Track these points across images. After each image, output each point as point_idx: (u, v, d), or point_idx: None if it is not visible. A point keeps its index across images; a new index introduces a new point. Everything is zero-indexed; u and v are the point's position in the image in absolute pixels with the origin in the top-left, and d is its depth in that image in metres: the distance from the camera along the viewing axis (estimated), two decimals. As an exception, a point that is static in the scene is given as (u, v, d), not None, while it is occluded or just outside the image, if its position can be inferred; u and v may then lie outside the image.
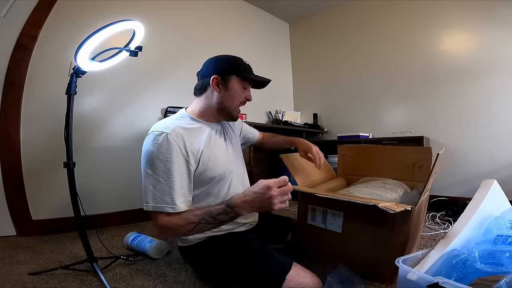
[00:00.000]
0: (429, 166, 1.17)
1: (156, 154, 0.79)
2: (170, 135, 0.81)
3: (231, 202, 0.76)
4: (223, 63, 0.94)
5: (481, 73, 2.13)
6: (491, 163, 2.07)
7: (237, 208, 0.75)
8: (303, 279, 0.80)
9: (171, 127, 0.83)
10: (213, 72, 0.92)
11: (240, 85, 0.94)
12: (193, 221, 0.77)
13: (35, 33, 1.55)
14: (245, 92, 0.96)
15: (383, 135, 2.58)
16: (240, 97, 0.95)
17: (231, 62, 0.94)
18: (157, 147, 0.80)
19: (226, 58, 0.95)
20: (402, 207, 0.77)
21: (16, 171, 1.49)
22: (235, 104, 0.95)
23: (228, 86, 0.93)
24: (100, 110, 1.79)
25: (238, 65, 0.94)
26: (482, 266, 0.65)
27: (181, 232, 0.81)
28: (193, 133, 0.89)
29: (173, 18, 2.23)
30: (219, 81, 0.91)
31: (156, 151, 0.79)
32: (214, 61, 0.95)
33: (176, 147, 0.80)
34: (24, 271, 1.05)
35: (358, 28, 2.83)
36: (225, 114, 0.96)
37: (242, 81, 0.95)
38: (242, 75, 0.94)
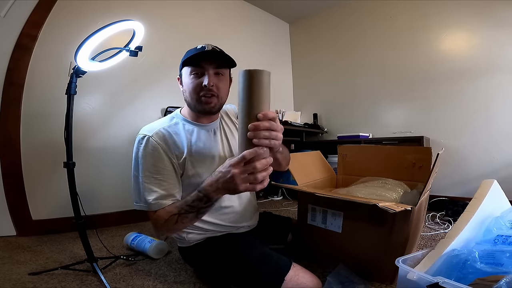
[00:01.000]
0: (429, 166, 1.17)
1: (140, 156, 0.82)
2: (152, 137, 0.82)
3: (201, 187, 0.71)
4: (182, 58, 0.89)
5: (480, 72, 2.12)
6: (491, 163, 2.07)
7: (205, 191, 0.69)
8: (302, 279, 0.80)
9: (155, 130, 0.84)
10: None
11: (186, 73, 0.86)
12: (174, 213, 0.76)
13: (35, 33, 1.55)
14: (194, 80, 0.84)
15: (383, 135, 2.58)
16: (191, 85, 0.85)
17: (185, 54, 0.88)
18: (141, 149, 0.82)
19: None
20: (402, 207, 0.77)
21: (16, 171, 1.49)
22: (192, 96, 0.86)
23: (182, 81, 0.90)
24: (100, 110, 1.79)
25: (186, 53, 0.88)
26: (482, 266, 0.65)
27: (169, 227, 0.78)
28: (180, 136, 0.87)
29: (173, 18, 2.23)
30: (179, 78, 0.91)
31: (140, 153, 0.82)
32: None
33: (159, 148, 0.82)
34: (24, 271, 1.05)
35: (358, 28, 2.83)
36: (195, 110, 0.89)
37: (188, 67, 0.86)
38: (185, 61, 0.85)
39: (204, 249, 0.92)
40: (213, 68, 0.84)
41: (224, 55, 0.85)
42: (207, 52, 0.82)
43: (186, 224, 0.78)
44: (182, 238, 0.93)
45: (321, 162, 1.45)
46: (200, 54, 0.82)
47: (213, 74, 0.85)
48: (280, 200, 2.55)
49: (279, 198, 2.62)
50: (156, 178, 0.81)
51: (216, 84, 0.85)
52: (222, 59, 0.86)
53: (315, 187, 1.28)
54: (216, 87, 0.85)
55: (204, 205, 0.72)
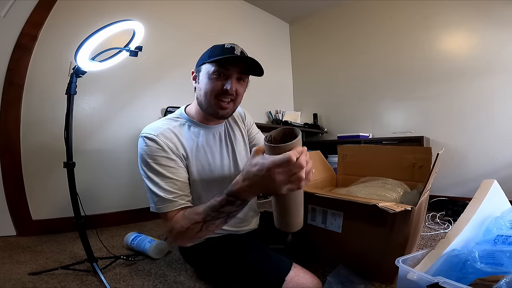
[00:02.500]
0: (429, 166, 1.17)
1: (148, 155, 0.78)
2: (158, 137, 0.79)
3: (232, 190, 0.63)
4: (203, 54, 0.84)
5: (481, 72, 2.12)
6: (491, 163, 2.07)
7: (240, 195, 0.63)
8: (302, 280, 0.80)
9: (160, 130, 0.81)
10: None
11: (208, 70, 0.80)
12: (197, 221, 0.69)
13: (35, 33, 1.55)
14: (215, 81, 0.79)
15: (383, 135, 2.58)
16: (211, 87, 0.80)
17: (206, 52, 0.82)
18: (148, 149, 0.78)
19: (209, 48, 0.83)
20: (402, 207, 0.77)
21: (16, 171, 1.49)
22: (208, 98, 0.81)
23: (198, 77, 0.83)
24: (100, 110, 1.79)
25: (213, 50, 0.80)
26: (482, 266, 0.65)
27: (191, 235, 0.70)
28: (186, 139, 0.85)
29: (173, 18, 2.23)
30: (195, 74, 0.85)
31: (148, 153, 0.78)
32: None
33: (166, 148, 0.79)
34: (24, 271, 1.05)
35: (358, 27, 2.83)
36: (206, 111, 0.85)
37: (211, 66, 0.79)
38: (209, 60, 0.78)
39: (204, 249, 0.91)
40: (237, 72, 0.81)
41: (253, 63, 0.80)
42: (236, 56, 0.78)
43: (211, 231, 0.70)
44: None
45: (321, 162, 1.45)
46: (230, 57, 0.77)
47: (236, 78, 0.81)
48: (280, 200, 2.55)
49: (279, 198, 2.62)
50: (168, 177, 0.77)
51: (237, 89, 0.82)
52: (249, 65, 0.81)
53: (315, 187, 1.28)
54: (236, 93, 0.82)
55: (236, 209, 0.66)
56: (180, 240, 0.76)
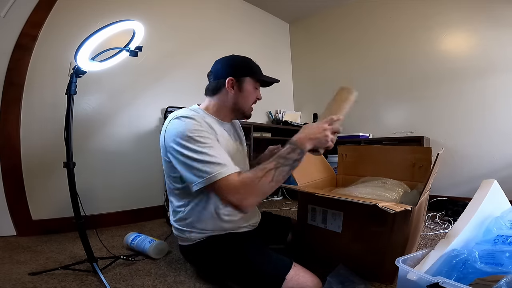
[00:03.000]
0: (429, 166, 1.17)
1: (190, 131, 0.79)
2: (195, 119, 0.83)
3: (293, 140, 0.80)
4: (237, 64, 0.97)
5: (481, 72, 2.13)
6: (491, 163, 2.07)
7: (299, 143, 0.78)
8: (302, 279, 0.80)
9: (191, 114, 0.85)
10: (228, 73, 0.94)
11: (253, 85, 0.98)
12: (270, 168, 0.74)
13: (35, 33, 1.55)
14: (256, 92, 1.01)
15: (383, 135, 2.58)
16: (253, 97, 1.00)
17: (244, 64, 0.98)
18: (189, 126, 0.80)
19: (238, 59, 0.98)
20: (402, 207, 0.77)
21: (16, 171, 1.49)
22: (249, 104, 1.00)
23: (242, 87, 0.96)
24: (100, 110, 1.79)
25: (251, 66, 0.99)
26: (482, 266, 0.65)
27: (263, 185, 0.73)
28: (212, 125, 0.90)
29: (173, 18, 2.23)
30: (234, 83, 0.94)
31: (190, 128, 0.80)
32: (227, 62, 0.97)
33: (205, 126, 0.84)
34: (24, 271, 1.05)
35: (358, 27, 2.83)
36: (240, 114, 1.00)
37: (255, 81, 0.99)
38: (255, 76, 0.98)
39: (205, 247, 0.92)
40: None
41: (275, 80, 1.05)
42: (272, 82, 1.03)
43: (280, 182, 0.76)
44: (184, 236, 0.93)
45: (321, 162, 1.45)
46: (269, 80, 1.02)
47: None
48: (280, 200, 2.55)
49: (279, 198, 2.62)
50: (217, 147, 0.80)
51: None
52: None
53: (315, 187, 1.28)
54: None
55: (297, 157, 0.77)
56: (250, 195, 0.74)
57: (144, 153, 1.93)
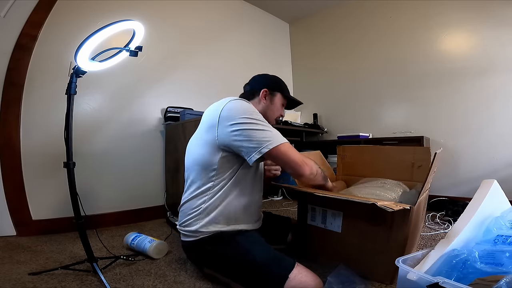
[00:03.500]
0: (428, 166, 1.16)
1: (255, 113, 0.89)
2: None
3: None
4: (273, 80, 1.12)
5: (481, 72, 2.12)
6: (491, 163, 2.07)
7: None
8: (305, 278, 0.81)
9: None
10: (264, 85, 1.07)
11: (281, 102, 1.11)
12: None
13: (35, 33, 1.55)
14: (282, 109, 1.12)
15: (383, 135, 2.58)
16: (279, 111, 1.11)
17: (278, 81, 1.13)
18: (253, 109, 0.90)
19: (273, 77, 1.14)
20: (400, 206, 0.77)
21: (16, 171, 1.49)
22: (274, 118, 1.10)
23: (273, 100, 1.09)
24: (100, 110, 1.79)
25: (283, 85, 1.12)
26: (482, 266, 0.65)
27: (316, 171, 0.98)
28: None
29: (173, 18, 2.23)
30: (267, 94, 1.07)
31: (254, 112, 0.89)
32: (264, 77, 1.12)
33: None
34: (24, 271, 1.05)
35: (358, 27, 2.83)
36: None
37: (283, 99, 1.11)
38: (285, 94, 1.11)
39: (209, 243, 0.91)
40: None
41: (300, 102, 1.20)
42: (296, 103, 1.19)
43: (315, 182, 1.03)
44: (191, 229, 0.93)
45: (322, 162, 1.45)
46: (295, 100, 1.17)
47: None
48: (280, 200, 2.55)
49: (279, 198, 2.62)
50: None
51: None
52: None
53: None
54: None
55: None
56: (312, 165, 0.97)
57: (144, 153, 1.93)
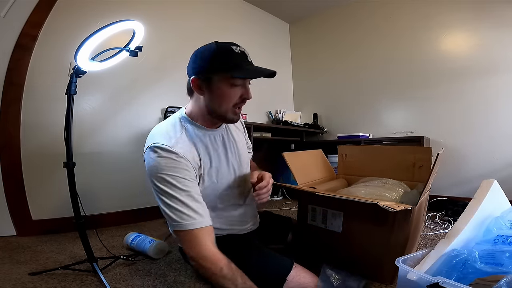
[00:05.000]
0: (429, 166, 1.17)
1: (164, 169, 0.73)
2: (174, 148, 0.75)
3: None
4: (202, 60, 0.79)
5: (481, 73, 2.12)
6: (491, 163, 2.07)
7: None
8: (303, 279, 0.80)
9: (174, 139, 0.78)
10: (192, 72, 0.80)
11: (228, 82, 0.78)
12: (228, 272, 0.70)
13: (35, 33, 1.55)
14: (237, 90, 0.80)
15: (383, 135, 2.58)
16: (231, 97, 0.80)
17: (214, 56, 0.77)
18: (164, 162, 0.73)
19: (205, 53, 0.79)
20: (402, 206, 0.77)
21: (16, 171, 1.49)
22: (226, 107, 0.81)
23: (212, 87, 0.79)
24: (100, 110, 1.79)
25: (222, 59, 0.77)
26: (482, 266, 0.65)
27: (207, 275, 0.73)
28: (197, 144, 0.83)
29: (173, 18, 2.23)
30: (200, 83, 0.79)
31: (164, 166, 0.73)
32: (196, 55, 0.81)
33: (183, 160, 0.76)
34: (24, 271, 1.05)
35: (358, 28, 2.82)
36: (219, 118, 0.86)
37: (232, 76, 0.78)
38: (229, 72, 0.77)
39: None
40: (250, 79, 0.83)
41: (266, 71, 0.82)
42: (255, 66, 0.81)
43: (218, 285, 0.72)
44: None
45: (322, 161, 1.45)
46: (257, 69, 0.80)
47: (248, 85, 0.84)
48: (280, 200, 2.55)
49: (279, 198, 2.62)
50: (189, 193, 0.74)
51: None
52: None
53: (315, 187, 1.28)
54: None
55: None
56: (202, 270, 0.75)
57: (144, 153, 1.93)
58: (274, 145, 2.84)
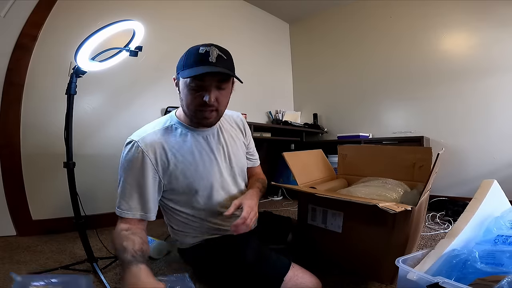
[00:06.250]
0: (429, 166, 1.16)
1: (123, 162, 0.81)
2: (140, 144, 0.80)
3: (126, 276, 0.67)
4: (180, 59, 0.80)
5: (481, 73, 2.12)
6: (491, 163, 2.07)
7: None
8: (301, 279, 0.80)
9: (144, 135, 0.82)
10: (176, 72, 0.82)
11: (184, 84, 0.77)
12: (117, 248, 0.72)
13: (35, 33, 1.55)
14: (194, 93, 0.77)
15: (383, 135, 2.58)
16: (189, 99, 0.78)
17: (182, 57, 0.79)
18: (125, 156, 0.81)
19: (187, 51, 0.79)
20: (402, 207, 0.77)
21: (16, 171, 1.49)
22: (190, 108, 0.80)
23: (179, 88, 0.82)
24: (100, 110, 1.79)
25: (183, 60, 0.78)
26: (482, 266, 0.65)
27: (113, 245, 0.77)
28: (171, 142, 0.84)
29: (173, 18, 2.23)
30: (176, 83, 0.84)
31: (124, 159, 0.81)
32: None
33: (144, 158, 0.79)
34: (24, 271, 1.05)
35: (358, 28, 2.83)
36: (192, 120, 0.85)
37: (187, 78, 0.76)
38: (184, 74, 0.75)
39: (203, 250, 0.91)
40: (216, 81, 0.76)
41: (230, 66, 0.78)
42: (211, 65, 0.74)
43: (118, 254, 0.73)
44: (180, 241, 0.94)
45: (323, 161, 1.45)
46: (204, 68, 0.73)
47: (215, 87, 0.77)
48: (280, 200, 2.55)
49: (279, 198, 2.62)
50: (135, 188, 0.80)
51: (218, 98, 0.78)
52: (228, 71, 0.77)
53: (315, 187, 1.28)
54: (217, 102, 0.79)
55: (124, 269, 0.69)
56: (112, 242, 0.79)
57: (144, 153, 1.93)
58: (274, 145, 2.84)
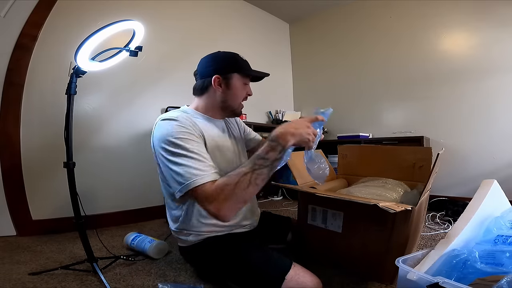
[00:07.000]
0: (429, 166, 1.17)
1: (174, 135, 0.79)
2: (179, 120, 0.83)
3: (274, 135, 0.72)
4: (222, 61, 0.95)
5: (481, 73, 2.12)
6: (491, 163, 2.07)
7: (280, 139, 0.71)
8: (302, 279, 0.80)
9: (179, 116, 0.85)
10: (214, 71, 0.92)
11: (241, 81, 0.96)
12: (246, 172, 0.69)
13: (35, 33, 1.56)
14: (245, 88, 0.99)
15: (383, 135, 2.58)
16: (242, 93, 0.98)
17: (230, 60, 0.95)
18: (173, 129, 0.80)
19: (224, 56, 0.96)
20: (402, 207, 0.77)
21: (16, 171, 1.49)
22: (239, 101, 0.98)
23: (230, 85, 0.94)
24: (100, 110, 1.79)
25: (237, 62, 0.95)
26: (482, 266, 0.65)
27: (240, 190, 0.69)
28: (201, 123, 0.91)
29: (173, 18, 2.23)
30: (221, 81, 0.93)
31: (174, 132, 0.79)
32: (212, 59, 0.95)
33: (190, 129, 0.82)
34: (24, 271, 1.05)
35: (358, 28, 2.83)
36: (229, 112, 0.99)
37: (243, 77, 0.96)
38: (243, 72, 0.96)
39: (204, 249, 0.92)
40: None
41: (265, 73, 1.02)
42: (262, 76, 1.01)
43: (259, 185, 0.71)
44: (182, 239, 0.94)
45: (322, 161, 1.45)
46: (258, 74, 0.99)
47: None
48: (280, 200, 2.55)
49: (279, 198, 2.62)
50: (197, 152, 0.78)
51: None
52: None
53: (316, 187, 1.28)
54: None
55: (278, 156, 0.71)
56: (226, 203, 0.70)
57: (144, 153, 1.93)
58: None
